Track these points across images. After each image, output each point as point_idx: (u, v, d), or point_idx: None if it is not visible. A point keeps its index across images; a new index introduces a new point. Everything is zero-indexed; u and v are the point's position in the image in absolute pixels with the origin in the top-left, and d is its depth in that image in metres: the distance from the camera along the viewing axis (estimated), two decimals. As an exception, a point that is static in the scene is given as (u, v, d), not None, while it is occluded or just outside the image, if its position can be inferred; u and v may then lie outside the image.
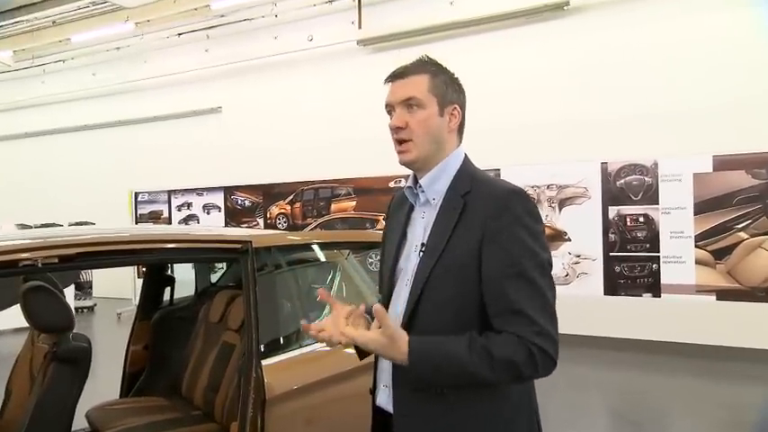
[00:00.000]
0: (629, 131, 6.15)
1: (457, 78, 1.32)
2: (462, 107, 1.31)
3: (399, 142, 1.29)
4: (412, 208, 1.34)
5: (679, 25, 6.14)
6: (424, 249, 1.24)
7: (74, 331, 2.13)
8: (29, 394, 2.13)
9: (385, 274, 1.35)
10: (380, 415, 1.32)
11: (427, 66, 1.30)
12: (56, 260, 1.68)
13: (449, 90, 1.29)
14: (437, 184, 1.28)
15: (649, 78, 6.20)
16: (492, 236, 1.17)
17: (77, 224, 8.12)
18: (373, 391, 1.36)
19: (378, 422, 1.34)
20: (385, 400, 1.30)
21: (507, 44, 6.97)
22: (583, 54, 6.57)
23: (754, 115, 5.65)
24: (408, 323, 1.22)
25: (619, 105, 6.31)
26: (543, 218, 1.42)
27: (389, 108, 1.31)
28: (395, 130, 1.29)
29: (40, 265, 1.65)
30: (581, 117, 6.45)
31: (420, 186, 1.30)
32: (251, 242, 2.04)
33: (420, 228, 1.29)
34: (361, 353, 1.33)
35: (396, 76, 1.30)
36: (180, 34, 9.29)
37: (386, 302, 1.30)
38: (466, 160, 1.31)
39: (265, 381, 1.85)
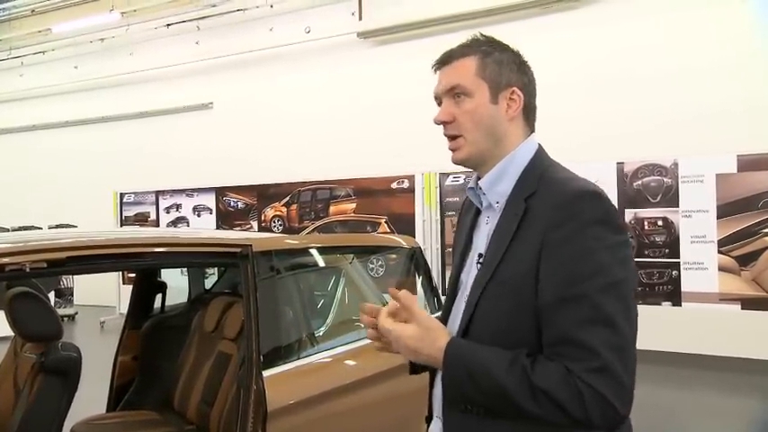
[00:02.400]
0: (646, 129, 6.16)
1: (517, 55, 1.19)
2: (525, 89, 1.16)
3: (450, 139, 1.18)
4: (479, 211, 1.23)
5: (700, 17, 6.16)
6: (481, 261, 1.14)
7: (62, 341, 2.13)
8: (13, 408, 2.13)
9: (448, 285, 1.27)
10: None
11: (476, 46, 1.17)
12: (44, 265, 1.69)
13: (504, 71, 1.15)
14: (500, 184, 1.16)
15: (669, 73, 6.22)
16: (552, 248, 1.03)
17: (58, 227, 8.11)
18: (428, 420, 1.31)
19: None
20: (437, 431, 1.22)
21: (517, 37, 6.88)
22: (597, 47, 6.59)
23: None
24: None
25: (636, 101, 6.33)
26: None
27: (438, 101, 1.20)
28: (441, 125, 1.18)
29: (28, 269, 1.65)
30: (595, 114, 6.47)
31: (480, 188, 1.18)
32: (251, 246, 2.04)
33: (483, 235, 1.18)
34: (414, 366, 1.27)
35: (441, 63, 1.18)
36: (169, 25, 9.32)
37: (445, 317, 1.23)
38: (538, 154, 1.17)
39: (267, 393, 1.86)
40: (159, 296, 3.16)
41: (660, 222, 5.33)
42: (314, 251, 2.45)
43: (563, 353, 0.99)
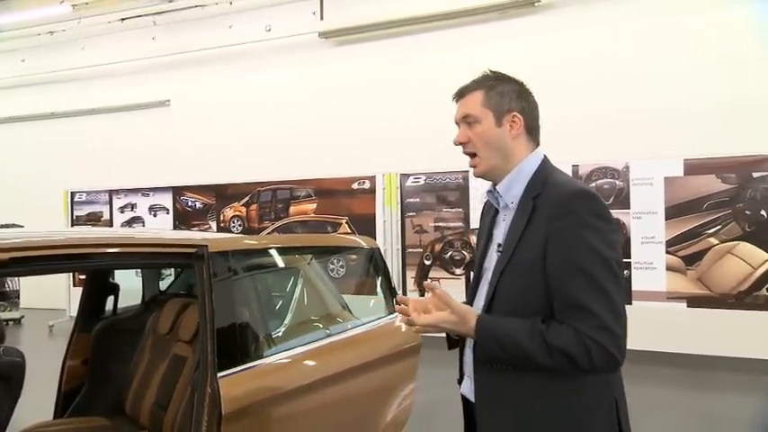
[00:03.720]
0: (600, 133, 6.37)
1: (519, 86, 1.50)
2: (525, 112, 1.47)
3: (470, 157, 1.50)
4: (497, 212, 1.53)
5: (651, 28, 6.41)
6: (500, 249, 1.44)
7: (4, 345, 2.04)
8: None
9: (474, 272, 1.56)
10: (465, 403, 1.54)
11: (483, 81, 1.49)
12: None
13: (505, 100, 1.46)
14: (513, 189, 1.46)
15: (621, 80, 6.45)
16: (555, 235, 1.32)
17: (3, 226, 7.77)
18: (460, 381, 1.57)
19: (465, 409, 1.56)
20: (468, 389, 1.50)
21: (476, 41, 7.11)
22: (553, 53, 6.77)
23: (725, 119, 5.95)
24: None
25: (590, 107, 6.53)
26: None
27: (458, 125, 1.52)
28: (459, 145, 1.50)
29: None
30: (551, 118, 6.62)
31: (498, 192, 1.49)
32: (207, 246, 2.01)
33: (501, 230, 1.48)
34: (451, 342, 1.56)
35: (458, 96, 1.52)
36: (123, 19, 9.06)
37: (471, 296, 1.53)
38: (543, 164, 1.47)
39: (222, 395, 1.83)
40: (111, 298, 3.07)
41: (612, 224, 5.50)
42: (271, 252, 2.43)
43: (571, 316, 1.28)
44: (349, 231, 6.82)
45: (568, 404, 1.34)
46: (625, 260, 5.45)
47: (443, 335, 1.50)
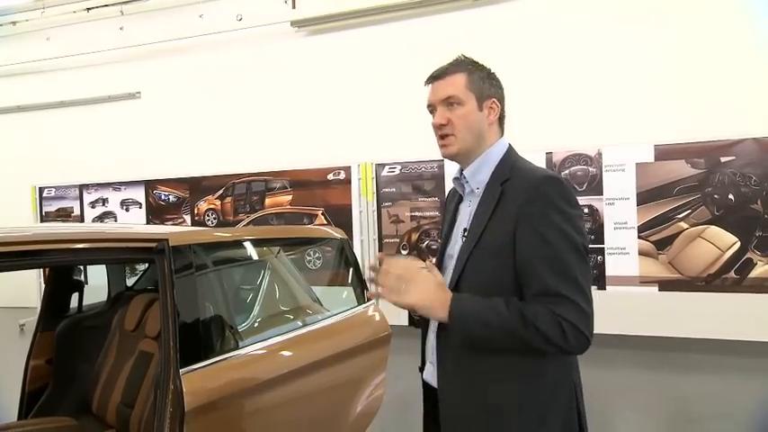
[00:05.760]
0: (573, 120, 6.41)
1: (494, 74, 1.51)
2: (501, 100, 1.49)
3: (442, 137, 1.47)
4: (461, 199, 1.54)
5: (621, 10, 6.43)
6: (466, 234, 1.43)
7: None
8: None
9: (436, 261, 1.54)
10: (427, 389, 1.52)
11: (464, 64, 1.48)
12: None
13: (486, 85, 1.46)
14: (480, 174, 1.46)
15: (592, 65, 6.48)
16: (526, 219, 1.32)
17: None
18: (421, 369, 1.56)
19: (426, 396, 1.54)
20: (430, 375, 1.50)
21: (449, 28, 7.08)
22: (525, 41, 6.77)
23: (693, 104, 6.02)
24: None
25: (562, 93, 6.56)
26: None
27: (431, 108, 1.48)
28: (438, 127, 1.46)
29: None
30: (525, 105, 6.64)
31: (464, 177, 1.49)
32: (167, 240, 1.96)
33: (466, 215, 1.48)
34: (411, 320, 1.58)
35: (435, 78, 1.48)
36: (89, 9, 8.80)
37: None
38: (509, 151, 1.48)
39: (184, 392, 1.79)
40: (76, 295, 3.00)
41: (586, 210, 5.55)
42: (236, 244, 2.38)
43: (542, 299, 1.29)
44: (325, 222, 6.77)
45: (533, 387, 1.35)
46: (598, 246, 5.51)
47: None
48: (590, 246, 5.47)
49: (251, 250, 2.48)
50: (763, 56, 5.92)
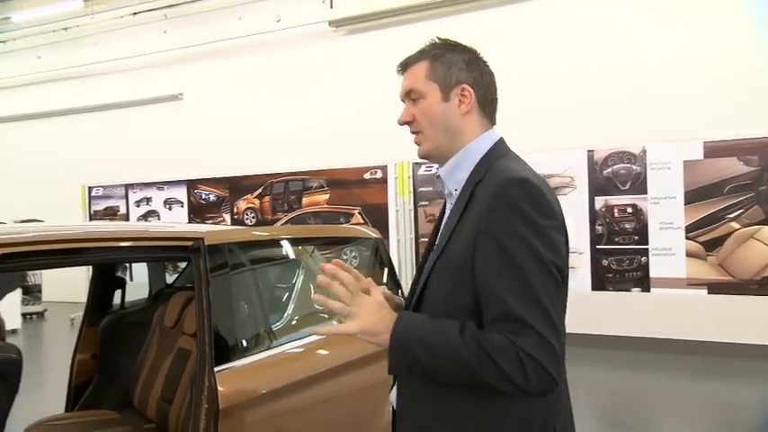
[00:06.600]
0: (616, 117, 6.21)
1: (471, 54, 1.28)
2: (477, 85, 1.25)
3: (414, 135, 1.30)
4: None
5: (668, 5, 6.20)
6: (436, 244, 1.24)
7: (1, 342, 2.04)
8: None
9: (416, 274, 1.34)
10: (394, 411, 1.36)
11: (428, 51, 1.28)
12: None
13: (453, 70, 1.25)
14: (458, 173, 1.25)
15: (637, 61, 6.26)
16: (486, 228, 1.10)
17: (25, 222, 7.90)
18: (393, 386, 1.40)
19: (393, 418, 1.38)
20: (394, 399, 1.33)
21: (486, 26, 6.97)
22: (568, 36, 6.60)
23: (746, 99, 5.74)
24: None
25: (605, 90, 6.36)
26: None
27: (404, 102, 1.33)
28: (402, 125, 1.31)
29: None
30: (566, 102, 6.48)
31: (441, 177, 1.29)
32: (203, 239, 1.98)
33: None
34: None
35: (401, 69, 1.32)
36: (135, 14, 9.09)
37: (409, 300, 1.29)
38: (496, 146, 1.25)
39: (219, 390, 1.81)
40: (119, 292, 3.08)
41: (629, 209, 5.37)
42: (271, 243, 2.39)
43: (501, 325, 1.06)
44: (362, 222, 6.78)
45: (496, 429, 1.13)
46: (642, 246, 5.32)
47: None
48: (633, 246, 5.29)
49: (285, 249, 2.49)
50: (823, 46, 5.60)
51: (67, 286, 8.67)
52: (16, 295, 7.58)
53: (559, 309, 1.09)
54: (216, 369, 1.84)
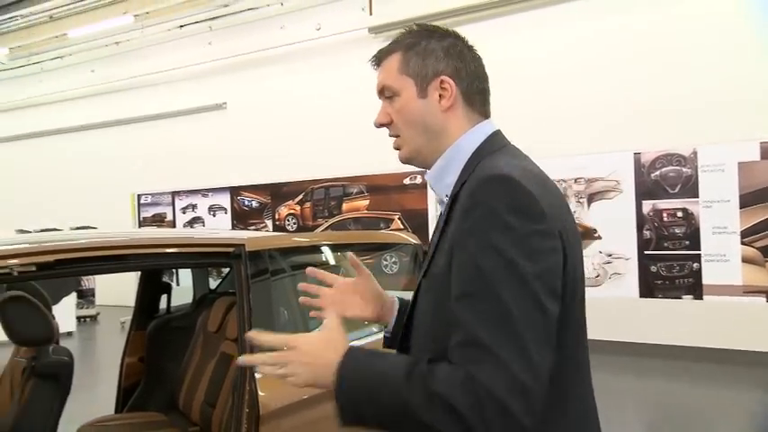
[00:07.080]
0: (664, 118, 5.99)
1: (451, 40, 1.09)
2: (458, 75, 1.07)
3: (393, 138, 1.14)
4: None
5: (719, 6, 5.96)
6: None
7: (53, 344, 2.12)
8: (9, 413, 2.14)
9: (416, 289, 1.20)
10: None
11: (401, 40, 1.11)
12: (33, 268, 1.67)
13: (429, 61, 1.06)
14: (447, 176, 1.07)
15: (686, 59, 6.03)
16: (458, 238, 0.94)
17: (78, 228, 8.23)
18: None
19: None
20: None
21: (531, 27, 6.86)
22: (612, 35, 6.42)
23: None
24: (400, 346, 1.12)
25: (652, 89, 6.16)
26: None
27: None
28: (379, 128, 1.15)
29: (15, 273, 1.64)
30: (611, 103, 6.31)
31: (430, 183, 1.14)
32: (244, 246, 2.01)
33: None
34: (384, 340, 1.26)
35: (375, 65, 1.15)
36: (182, 26, 9.38)
37: (401, 322, 1.19)
38: (488, 140, 1.07)
39: (260, 395, 1.82)
40: (165, 297, 3.16)
41: (679, 213, 5.17)
42: (311, 249, 2.41)
43: (466, 355, 0.87)
44: (401, 227, 6.77)
45: None
46: (694, 252, 5.10)
47: None
48: (684, 252, 5.08)
49: (325, 255, 2.49)
50: None
51: (118, 291, 8.98)
52: (71, 299, 7.91)
53: (539, 332, 0.87)
54: (257, 374, 1.86)
